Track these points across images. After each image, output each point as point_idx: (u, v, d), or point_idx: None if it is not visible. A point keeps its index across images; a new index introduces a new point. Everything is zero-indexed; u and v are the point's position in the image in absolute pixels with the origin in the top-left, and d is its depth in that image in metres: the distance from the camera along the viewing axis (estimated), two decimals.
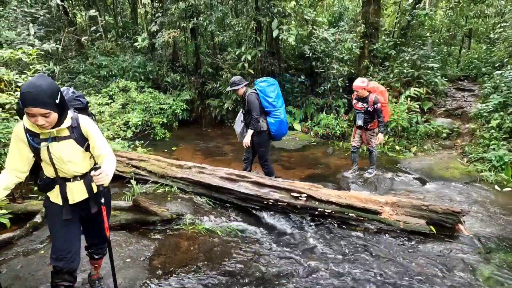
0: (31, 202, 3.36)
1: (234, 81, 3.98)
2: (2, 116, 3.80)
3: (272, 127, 4.00)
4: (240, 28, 8.23)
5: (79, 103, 1.89)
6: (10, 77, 3.53)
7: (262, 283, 2.41)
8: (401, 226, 3.19)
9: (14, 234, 2.78)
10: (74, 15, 11.25)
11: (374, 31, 8.32)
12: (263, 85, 3.96)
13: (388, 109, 4.88)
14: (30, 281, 2.24)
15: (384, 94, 4.66)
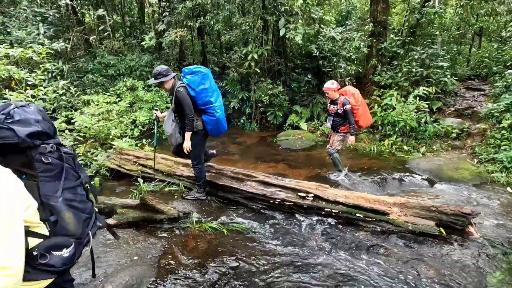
0: None
1: (160, 71, 3.24)
2: None
3: (208, 126, 3.44)
4: (247, 27, 8.22)
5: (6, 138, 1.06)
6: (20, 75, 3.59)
7: (268, 281, 2.40)
8: (409, 227, 3.14)
9: None
10: (82, 14, 11.38)
11: (382, 29, 8.22)
12: (194, 79, 3.29)
13: (364, 112, 4.58)
14: None
15: (355, 96, 4.53)
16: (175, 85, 3.29)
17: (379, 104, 7.29)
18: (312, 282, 2.42)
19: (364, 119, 4.62)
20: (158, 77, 3.23)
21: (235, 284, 2.37)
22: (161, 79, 3.23)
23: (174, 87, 3.28)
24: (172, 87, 3.32)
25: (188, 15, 8.41)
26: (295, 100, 9.02)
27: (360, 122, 4.59)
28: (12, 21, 7.50)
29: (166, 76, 3.25)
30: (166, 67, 3.27)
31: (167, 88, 3.35)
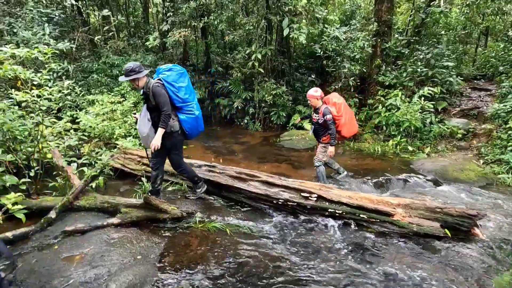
0: (46, 198, 3.44)
1: (133, 68, 3.03)
2: (18, 113, 3.91)
3: (186, 125, 3.28)
4: (251, 27, 8.21)
5: None
6: (26, 75, 3.61)
7: (270, 281, 2.39)
8: (414, 228, 3.11)
9: (29, 229, 2.85)
10: (87, 15, 11.46)
11: (386, 29, 8.16)
12: (171, 75, 3.17)
13: (346, 123, 4.35)
14: (44, 275, 2.29)
15: (336, 105, 4.30)
16: (149, 82, 3.12)
17: (384, 105, 7.24)
18: (315, 284, 2.41)
19: (347, 130, 4.40)
20: (130, 74, 3.02)
21: (238, 284, 2.37)
22: (134, 76, 3.03)
23: (149, 84, 3.11)
24: (145, 85, 3.13)
25: (192, 15, 8.43)
26: (298, 100, 9.00)
27: (343, 132, 4.38)
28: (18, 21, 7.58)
29: (139, 73, 3.05)
30: (138, 63, 3.08)
31: (140, 85, 3.14)
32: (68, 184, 3.60)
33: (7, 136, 3.58)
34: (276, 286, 2.36)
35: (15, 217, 2.91)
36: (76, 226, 2.91)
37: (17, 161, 3.53)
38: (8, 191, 3.18)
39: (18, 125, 3.82)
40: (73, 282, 2.23)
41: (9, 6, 8.26)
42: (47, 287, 2.18)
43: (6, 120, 3.51)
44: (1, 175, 3.24)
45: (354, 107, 8.09)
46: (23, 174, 3.53)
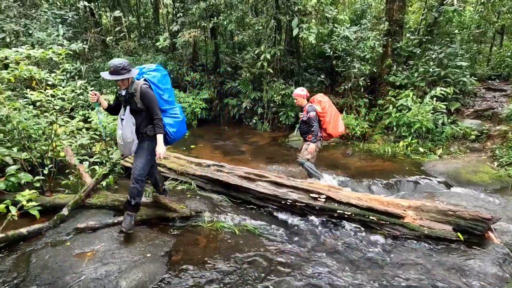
0: (59, 195, 3.52)
1: (124, 65, 2.71)
2: (33, 113, 4.01)
3: (171, 129, 3.02)
4: (260, 27, 8.21)
5: None
6: (41, 75, 3.71)
7: (279, 279, 2.39)
8: (425, 231, 3.06)
9: (43, 226, 2.91)
10: (99, 16, 11.67)
11: (398, 28, 8.04)
12: (157, 76, 2.96)
13: (332, 121, 4.39)
14: (57, 271, 2.34)
15: (321, 103, 4.39)
16: (135, 83, 2.84)
17: (394, 105, 7.13)
18: (325, 285, 2.39)
19: (333, 128, 4.43)
20: (122, 73, 2.71)
21: (245, 283, 2.37)
22: (126, 75, 2.73)
23: (135, 85, 2.82)
24: (130, 85, 2.85)
25: (202, 16, 8.49)
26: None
27: (328, 130, 4.42)
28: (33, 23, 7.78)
29: (130, 72, 2.76)
30: (127, 61, 2.77)
31: (126, 85, 2.84)
32: (80, 182, 3.67)
33: (22, 135, 3.68)
34: (284, 283, 2.36)
35: (29, 214, 2.99)
36: (87, 223, 2.96)
37: (32, 159, 3.62)
38: (23, 188, 3.27)
39: (32, 124, 3.92)
40: (84, 278, 2.27)
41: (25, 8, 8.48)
42: (59, 282, 2.23)
43: (21, 119, 3.60)
44: (16, 172, 3.33)
45: (363, 108, 8.00)
46: (37, 172, 3.63)
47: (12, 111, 3.61)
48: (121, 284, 2.23)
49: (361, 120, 7.70)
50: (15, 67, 3.72)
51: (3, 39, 6.80)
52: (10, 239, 2.68)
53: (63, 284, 2.21)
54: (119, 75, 2.72)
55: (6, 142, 3.63)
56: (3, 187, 3.22)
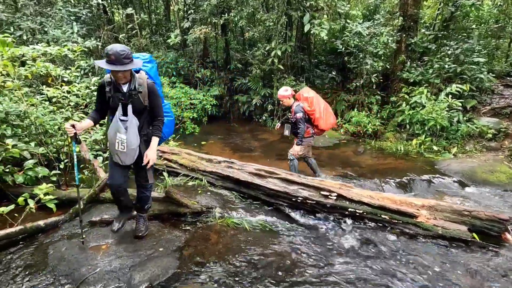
0: (74, 189, 3.60)
1: (127, 53, 2.15)
2: (49, 109, 4.11)
3: (165, 129, 2.71)
4: (271, 23, 8.16)
5: None
6: (57, 72, 3.79)
7: (289, 276, 2.39)
8: (439, 231, 3.00)
9: (59, 218, 3.00)
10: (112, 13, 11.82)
11: (412, 24, 7.85)
12: (152, 68, 2.62)
13: (322, 116, 4.24)
14: (73, 263, 2.41)
15: (308, 100, 4.21)
16: (138, 76, 2.38)
17: (407, 102, 6.99)
18: (333, 285, 2.38)
19: (324, 122, 4.28)
20: (125, 62, 2.16)
21: (257, 279, 2.39)
22: (130, 65, 2.19)
23: (140, 80, 2.37)
24: (133, 79, 2.35)
25: (213, 12, 8.49)
26: None
27: (320, 126, 4.28)
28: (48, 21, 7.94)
29: (133, 62, 2.23)
30: (128, 48, 2.22)
31: (127, 79, 2.31)
32: (94, 177, 3.75)
33: (39, 130, 3.78)
34: (294, 283, 2.36)
35: (46, 207, 3.08)
36: (102, 217, 3.03)
37: (48, 154, 3.72)
38: (40, 182, 3.37)
39: (49, 120, 4.02)
40: (99, 270, 2.33)
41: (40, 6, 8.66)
42: (76, 274, 2.29)
43: (38, 115, 3.70)
44: (34, 166, 3.43)
45: (376, 105, 7.87)
46: (53, 166, 3.73)
47: (30, 107, 3.72)
48: (134, 277, 2.28)
49: (373, 117, 7.58)
50: (32, 64, 3.82)
51: (20, 36, 6.98)
52: (28, 231, 2.77)
53: (79, 275, 2.28)
54: (121, 65, 2.15)
55: (24, 137, 3.74)
56: (22, 180, 3.32)
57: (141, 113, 2.44)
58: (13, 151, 3.22)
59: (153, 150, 2.49)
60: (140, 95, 2.37)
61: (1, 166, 3.19)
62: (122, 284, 2.23)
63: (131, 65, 2.21)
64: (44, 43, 3.97)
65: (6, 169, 3.24)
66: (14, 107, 3.66)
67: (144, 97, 2.40)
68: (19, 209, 2.91)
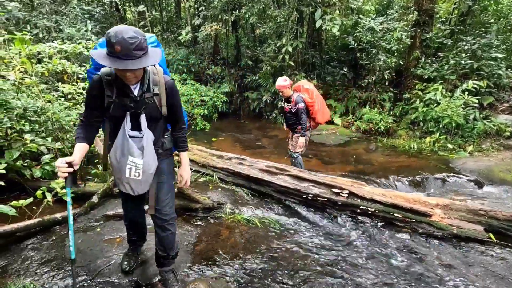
0: (89, 184, 3.69)
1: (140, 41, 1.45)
2: (65, 105, 4.21)
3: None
4: (282, 19, 8.10)
5: None
6: (72, 69, 3.87)
7: (300, 272, 2.39)
8: (454, 231, 2.94)
9: (75, 212, 3.08)
10: (124, 11, 11.97)
11: (427, 18, 7.65)
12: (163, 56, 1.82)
13: (320, 108, 4.24)
14: (89, 255, 2.47)
15: (309, 91, 4.16)
16: (153, 72, 1.71)
17: (421, 99, 6.84)
18: (344, 284, 2.37)
19: (321, 115, 4.28)
20: (137, 55, 1.45)
21: (268, 275, 2.39)
22: (144, 60, 1.48)
23: (156, 77, 1.71)
24: (148, 76, 1.68)
25: (224, 9, 8.48)
26: (329, 94, 8.77)
27: (317, 119, 4.27)
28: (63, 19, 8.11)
29: (149, 55, 1.52)
30: (140, 31, 1.51)
31: (138, 78, 1.63)
32: (108, 172, 3.83)
33: (55, 126, 3.88)
34: (306, 279, 2.36)
35: (62, 200, 3.17)
36: (116, 211, 3.10)
37: (64, 149, 3.81)
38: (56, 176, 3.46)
39: (64, 115, 4.12)
40: (114, 263, 2.39)
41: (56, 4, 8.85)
42: (91, 266, 2.35)
43: (55, 110, 3.79)
44: (50, 161, 3.52)
45: (388, 102, 7.73)
46: None
47: (46, 104, 3.81)
48: (148, 271, 2.32)
49: (385, 115, 7.46)
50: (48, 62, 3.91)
51: (36, 34, 7.15)
52: (46, 223, 2.85)
53: (95, 267, 2.34)
54: (132, 59, 1.42)
55: (41, 132, 3.85)
56: (39, 174, 3.42)
57: (156, 122, 1.78)
58: (31, 145, 3.32)
59: (187, 169, 2.04)
60: (156, 98, 1.69)
61: (20, 160, 3.29)
62: (135, 276, 2.28)
63: (146, 59, 1.45)
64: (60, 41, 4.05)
65: (24, 163, 3.34)
66: (32, 104, 3.77)
67: (161, 101, 1.71)
68: (37, 202, 3.00)
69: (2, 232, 2.56)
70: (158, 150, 1.83)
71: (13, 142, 3.37)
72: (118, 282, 2.22)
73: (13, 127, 3.43)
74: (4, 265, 2.35)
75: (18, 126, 3.46)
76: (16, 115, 3.54)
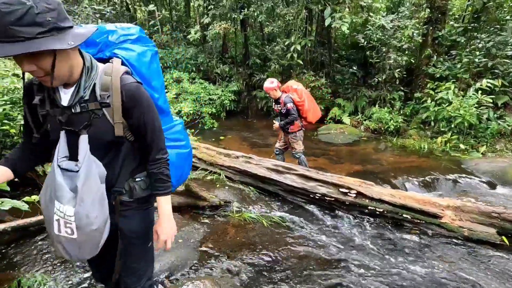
0: None
1: (30, 11, 0.81)
2: None
3: (178, 171, 1.46)
4: (291, 17, 8.06)
5: None
6: None
7: (307, 271, 2.38)
8: (465, 233, 2.87)
9: None
10: (134, 10, 12.12)
11: (440, 16, 7.47)
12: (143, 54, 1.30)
13: (310, 108, 4.22)
14: None
15: (298, 91, 4.14)
16: (101, 69, 1.12)
17: (433, 98, 6.69)
18: (352, 285, 2.34)
19: (312, 114, 4.26)
20: (22, 33, 0.83)
21: (273, 274, 2.39)
22: (51, 41, 0.87)
23: (103, 77, 1.10)
24: (82, 74, 1.06)
25: (232, 8, 8.49)
26: (338, 93, 8.70)
27: (308, 118, 4.25)
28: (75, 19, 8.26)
29: (65, 32, 0.91)
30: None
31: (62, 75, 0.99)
32: None
33: None
34: (312, 279, 2.34)
35: None
36: None
37: None
38: None
39: None
40: None
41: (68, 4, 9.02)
42: None
43: None
44: None
45: (398, 101, 7.60)
46: None
47: None
48: (155, 266, 2.34)
49: (395, 114, 7.33)
50: None
51: None
52: None
53: None
54: (9, 41, 0.84)
55: None
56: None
57: (111, 150, 1.18)
58: None
59: (166, 225, 1.31)
60: (106, 111, 1.09)
61: None
62: None
63: (41, 42, 0.86)
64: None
65: None
66: None
67: (115, 115, 1.10)
68: None
69: (15, 227, 2.63)
70: (122, 197, 1.23)
71: None
72: None
73: None
74: (17, 259, 2.42)
75: None
76: None
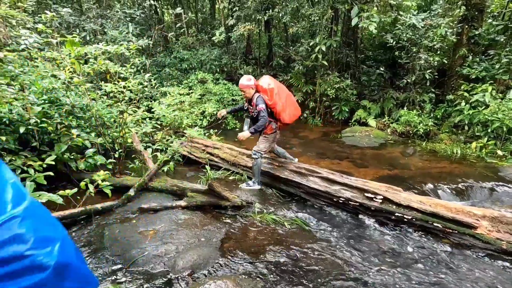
0: (126, 177, 3.90)
1: None
2: (108, 102, 4.48)
3: None
4: (316, 18, 7.94)
5: None
6: (115, 69, 4.12)
7: (328, 276, 2.32)
8: (503, 246, 2.67)
9: (113, 203, 3.27)
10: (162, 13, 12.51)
11: (477, 13, 7.03)
12: None
13: (285, 108, 3.70)
14: (125, 245, 2.61)
15: (267, 92, 3.60)
16: None
17: (467, 101, 6.31)
18: (371, 282, 2.25)
19: (288, 115, 3.76)
20: None
21: (293, 277, 2.35)
22: None
23: None
24: None
25: (257, 9, 8.52)
26: (363, 94, 8.45)
27: (284, 120, 3.74)
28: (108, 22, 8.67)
29: None
30: None
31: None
32: (144, 167, 4.02)
33: (98, 122, 4.15)
34: (333, 283, 2.28)
35: (102, 191, 3.38)
36: (150, 204, 3.24)
37: (105, 144, 4.07)
38: (97, 169, 3.70)
39: (106, 113, 4.40)
40: (147, 254, 2.50)
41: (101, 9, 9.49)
42: (127, 255, 2.48)
43: (99, 108, 4.06)
44: (93, 154, 3.78)
45: (429, 103, 7.24)
46: (109, 155, 4.07)
47: (91, 101, 4.09)
48: (178, 263, 2.39)
49: (425, 117, 7.00)
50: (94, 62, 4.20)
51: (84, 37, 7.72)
52: (88, 212, 3.06)
53: (130, 257, 2.46)
54: None
55: (86, 128, 4.14)
56: (83, 167, 3.68)
57: None
58: (77, 140, 3.59)
59: None
60: None
61: (67, 153, 3.57)
62: (167, 268, 2.36)
63: None
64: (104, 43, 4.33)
65: (71, 156, 3.62)
66: (79, 101, 4.07)
67: None
68: (81, 192, 3.23)
69: None
70: None
71: (62, 136, 3.66)
72: (151, 272, 2.32)
73: (62, 123, 3.73)
74: None
75: (66, 121, 3.76)
76: (65, 112, 3.85)
